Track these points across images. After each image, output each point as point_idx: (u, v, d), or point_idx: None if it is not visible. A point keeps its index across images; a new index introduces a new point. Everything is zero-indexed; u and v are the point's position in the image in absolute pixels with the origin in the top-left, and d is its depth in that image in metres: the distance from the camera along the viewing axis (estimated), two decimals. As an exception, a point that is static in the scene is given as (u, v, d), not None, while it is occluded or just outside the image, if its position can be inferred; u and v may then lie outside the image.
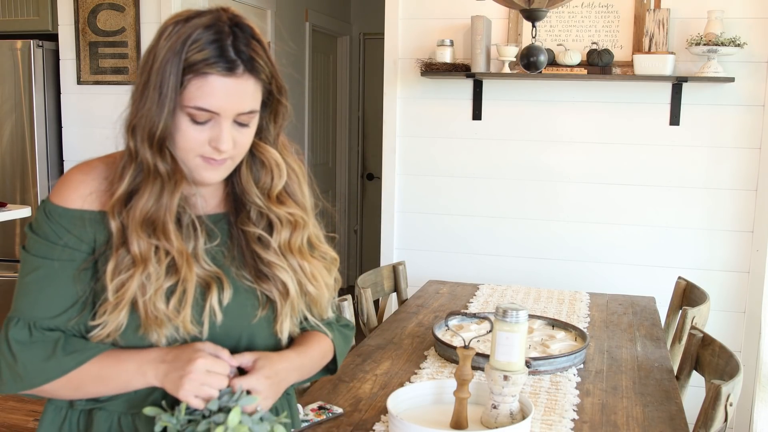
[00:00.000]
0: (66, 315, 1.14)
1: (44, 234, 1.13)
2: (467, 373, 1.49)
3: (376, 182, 5.93)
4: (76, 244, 1.13)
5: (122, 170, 1.14)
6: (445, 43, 3.26)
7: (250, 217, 1.22)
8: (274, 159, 1.22)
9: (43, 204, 1.15)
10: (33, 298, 1.13)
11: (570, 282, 3.33)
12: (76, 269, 1.13)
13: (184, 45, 1.08)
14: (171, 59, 1.08)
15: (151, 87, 1.09)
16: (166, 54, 1.08)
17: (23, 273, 1.15)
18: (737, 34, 3.00)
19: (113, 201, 1.13)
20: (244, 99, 1.12)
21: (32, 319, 1.13)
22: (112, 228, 1.12)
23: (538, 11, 2.06)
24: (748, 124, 3.13)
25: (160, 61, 1.08)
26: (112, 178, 1.15)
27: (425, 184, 3.51)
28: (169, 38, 1.09)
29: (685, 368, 2.07)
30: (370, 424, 1.62)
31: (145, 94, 1.10)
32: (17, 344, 1.12)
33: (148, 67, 1.10)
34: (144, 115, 1.10)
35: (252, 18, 4.74)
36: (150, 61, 1.10)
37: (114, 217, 1.13)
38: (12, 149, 3.84)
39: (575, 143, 3.31)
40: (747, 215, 3.17)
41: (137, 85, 1.13)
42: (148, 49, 1.12)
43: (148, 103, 1.10)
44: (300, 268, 1.23)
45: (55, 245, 1.13)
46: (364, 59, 5.98)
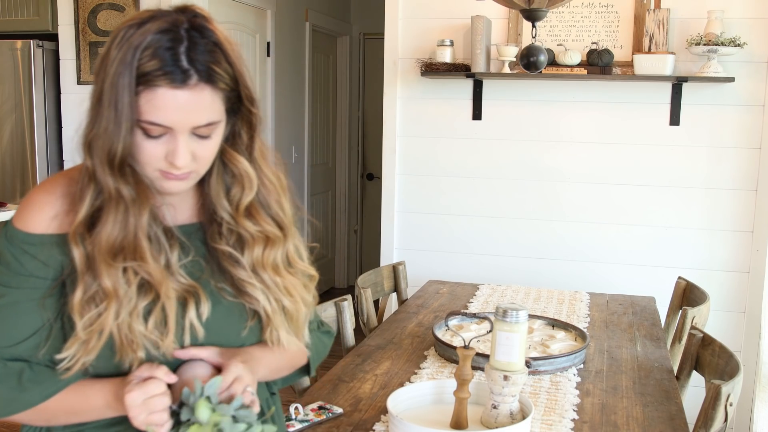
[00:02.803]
0: (30, 344, 1.06)
1: (6, 261, 1.06)
2: (467, 373, 1.49)
3: (376, 182, 5.93)
4: (41, 271, 1.06)
5: (82, 191, 1.05)
6: (445, 43, 3.26)
7: (221, 233, 1.15)
8: (244, 169, 1.14)
9: (6, 229, 1.07)
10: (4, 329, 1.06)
11: (570, 282, 3.33)
12: (41, 297, 1.06)
13: (135, 54, 0.99)
14: (122, 72, 0.99)
15: (105, 103, 1.00)
16: (118, 67, 0.99)
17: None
18: (737, 34, 3.00)
19: (75, 226, 1.04)
20: (200, 111, 1.02)
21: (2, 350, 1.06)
22: (75, 256, 1.04)
23: (538, 11, 2.06)
24: (748, 124, 3.13)
25: (111, 75, 0.99)
26: (74, 195, 1.07)
27: (425, 184, 3.51)
28: (119, 47, 0.99)
29: (685, 368, 2.07)
30: (370, 424, 1.62)
31: (99, 111, 1.01)
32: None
33: (101, 80, 1.02)
34: (100, 135, 1.02)
35: (252, 18, 4.76)
36: (102, 74, 1.01)
37: (77, 244, 1.04)
38: (12, 149, 3.84)
39: (575, 143, 3.31)
40: (747, 215, 3.17)
41: (92, 99, 1.03)
42: (101, 59, 1.02)
43: (104, 121, 1.01)
44: (274, 284, 1.16)
45: (19, 274, 1.05)
46: (364, 59, 5.98)
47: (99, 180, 1.03)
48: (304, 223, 1.29)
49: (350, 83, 5.94)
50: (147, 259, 1.05)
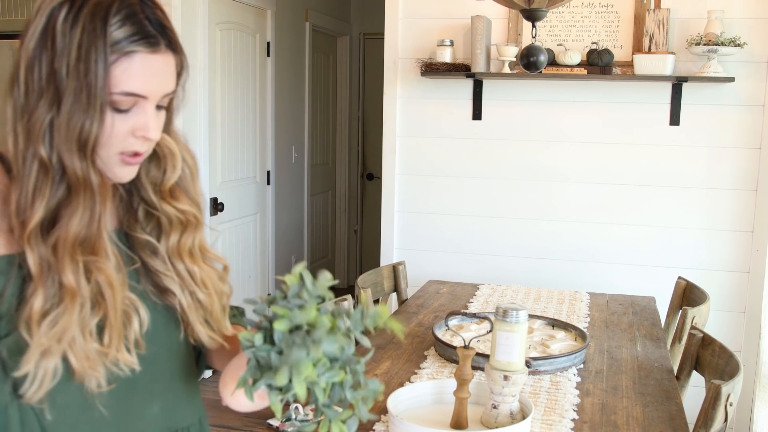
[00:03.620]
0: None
1: None
2: (467, 373, 1.49)
3: (376, 182, 5.93)
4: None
5: (33, 193, 0.91)
6: (445, 43, 3.26)
7: (138, 219, 1.06)
8: (168, 147, 1.05)
9: None
10: None
11: (570, 282, 3.33)
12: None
13: (105, 23, 0.90)
14: (94, 43, 0.90)
15: (68, 82, 0.90)
16: (86, 38, 0.90)
17: None
18: (737, 34, 3.00)
19: (29, 232, 0.91)
20: (168, 77, 0.97)
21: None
22: (31, 262, 0.91)
23: (538, 11, 2.06)
24: (748, 124, 3.13)
25: (76, 48, 0.90)
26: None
27: (425, 184, 3.51)
28: (75, 20, 0.90)
29: (685, 368, 2.07)
30: (370, 424, 1.62)
31: (58, 91, 0.91)
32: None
33: (53, 57, 0.90)
34: (66, 118, 0.91)
35: (252, 18, 4.76)
36: (53, 51, 0.91)
37: (32, 249, 0.91)
38: (12, 149, 3.83)
39: (575, 143, 3.32)
40: (747, 215, 3.17)
41: (37, 82, 0.91)
42: (39, 42, 0.91)
43: (69, 102, 0.90)
44: (189, 274, 1.07)
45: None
46: (364, 59, 5.98)
47: (66, 169, 0.92)
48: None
49: (350, 83, 5.94)
50: (110, 257, 0.96)
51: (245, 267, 4.44)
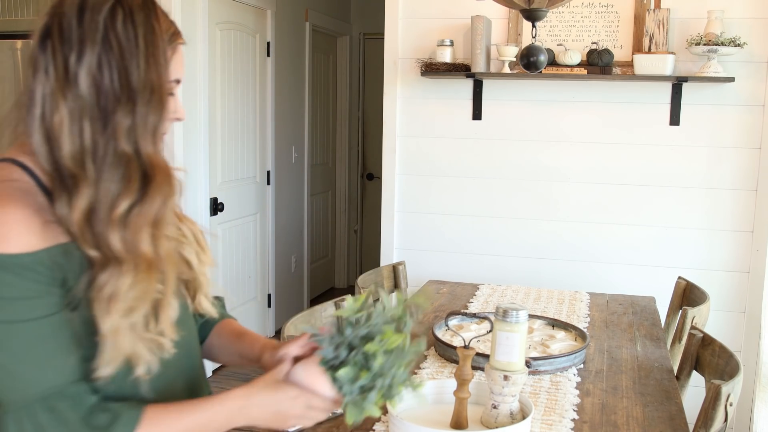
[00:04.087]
0: (79, 371, 0.98)
1: (19, 293, 0.93)
2: (467, 373, 1.49)
3: (376, 182, 5.93)
4: (48, 289, 0.96)
5: (120, 183, 0.98)
6: (445, 43, 3.26)
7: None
8: None
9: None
10: (51, 365, 0.96)
11: (570, 282, 3.33)
12: (61, 315, 0.97)
13: (158, 22, 1.02)
14: (155, 41, 1.00)
15: (142, 79, 0.98)
16: (149, 38, 0.99)
17: (16, 346, 0.94)
18: (737, 34, 3.00)
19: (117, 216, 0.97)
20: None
21: (66, 387, 0.97)
22: (116, 245, 0.97)
23: (538, 11, 2.06)
24: (748, 124, 3.13)
25: (144, 47, 0.98)
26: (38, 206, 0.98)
27: (425, 184, 3.51)
28: (133, 23, 0.98)
29: (685, 368, 2.07)
30: (370, 424, 1.62)
31: (133, 91, 0.98)
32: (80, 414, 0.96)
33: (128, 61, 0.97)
34: (144, 114, 0.99)
35: (252, 18, 4.76)
36: (124, 55, 0.97)
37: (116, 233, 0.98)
38: (12, 149, 3.84)
39: (575, 143, 3.32)
40: (747, 215, 3.17)
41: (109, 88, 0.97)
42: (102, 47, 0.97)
43: (145, 100, 0.99)
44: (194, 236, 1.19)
45: (40, 299, 0.95)
46: (364, 59, 5.98)
47: (145, 159, 0.99)
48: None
49: (350, 83, 5.94)
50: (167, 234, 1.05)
51: (245, 267, 4.44)
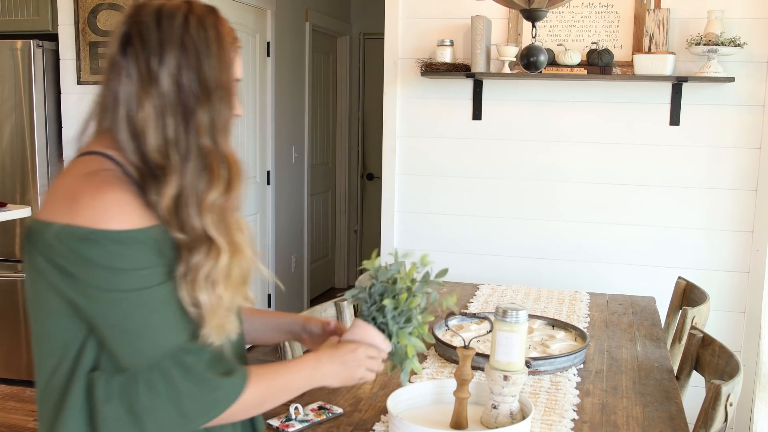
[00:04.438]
0: (190, 331, 1.10)
1: (135, 264, 1.04)
2: (467, 373, 1.49)
3: (376, 182, 5.93)
4: (158, 260, 1.07)
5: (208, 174, 1.10)
6: (445, 43, 3.26)
7: None
8: None
9: (104, 236, 1.02)
10: (171, 326, 1.07)
11: (570, 282, 3.33)
12: (170, 284, 1.08)
13: (224, 26, 1.14)
14: (224, 44, 1.12)
15: (216, 79, 1.11)
16: (220, 41, 1.12)
17: (138, 313, 1.04)
18: (737, 34, 3.00)
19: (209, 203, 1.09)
20: None
21: (187, 344, 1.08)
22: (210, 228, 1.09)
23: (538, 11, 2.06)
24: (748, 124, 3.13)
25: (216, 51, 1.11)
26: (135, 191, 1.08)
27: (425, 184, 3.51)
28: (204, 29, 1.11)
29: (685, 368, 2.07)
30: (370, 424, 1.62)
31: (209, 90, 1.10)
32: (206, 367, 1.08)
33: (204, 62, 1.09)
34: (218, 111, 1.11)
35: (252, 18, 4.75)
36: (200, 58, 1.09)
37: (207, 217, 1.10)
38: (12, 149, 3.84)
39: (575, 143, 3.32)
40: (747, 215, 3.17)
41: (188, 88, 1.09)
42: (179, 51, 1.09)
43: (218, 98, 1.11)
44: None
45: (153, 268, 1.06)
46: (364, 59, 5.98)
47: (224, 153, 1.12)
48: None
49: (350, 83, 5.94)
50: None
51: (245, 267, 4.43)
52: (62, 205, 1.03)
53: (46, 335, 1.09)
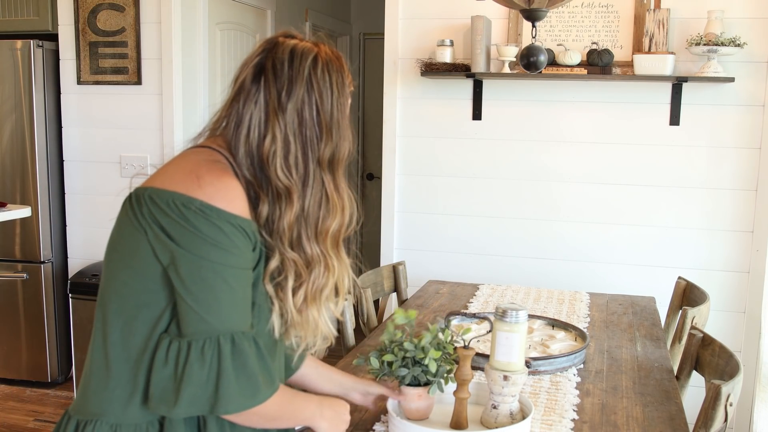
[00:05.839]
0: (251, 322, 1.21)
1: (233, 245, 1.14)
2: (467, 373, 1.49)
3: (376, 182, 5.93)
4: (250, 250, 1.18)
5: (327, 205, 1.25)
6: (445, 43, 3.26)
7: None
8: None
9: (217, 213, 1.14)
10: (240, 309, 1.17)
11: (570, 282, 3.33)
12: (252, 275, 1.20)
13: (345, 73, 1.27)
14: (344, 89, 1.25)
15: (335, 117, 1.24)
16: (340, 86, 1.25)
17: (220, 285, 1.14)
18: (737, 34, 3.00)
19: (326, 231, 1.26)
20: None
21: (250, 331, 1.18)
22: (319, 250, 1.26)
23: (538, 11, 2.06)
24: (748, 124, 3.13)
25: (337, 94, 1.24)
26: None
27: (425, 184, 3.51)
28: (329, 73, 1.23)
29: (685, 368, 2.07)
30: (370, 424, 1.62)
31: (329, 127, 1.23)
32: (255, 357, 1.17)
33: (325, 102, 1.22)
34: (336, 147, 1.24)
35: (252, 18, 4.75)
36: (322, 97, 1.22)
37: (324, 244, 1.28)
38: (12, 149, 3.84)
39: (575, 143, 3.31)
40: (747, 215, 3.17)
41: (308, 121, 1.21)
42: (306, 90, 1.21)
43: (336, 134, 1.24)
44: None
45: (245, 254, 1.16)
46: (364, 59, 5.98)
47: (340, 187, 1.27)
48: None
49: (350, 83, 5.93)
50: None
51: (245, 267, 4.43)
52: (186, 179, 1.15)
53: (129, 293, 1.17)
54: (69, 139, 3.88)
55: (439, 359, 1.48)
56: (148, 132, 3.72)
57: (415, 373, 1.48)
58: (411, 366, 1.48)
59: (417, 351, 1.48)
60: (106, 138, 3.78)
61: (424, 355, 1.47)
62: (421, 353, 1.47)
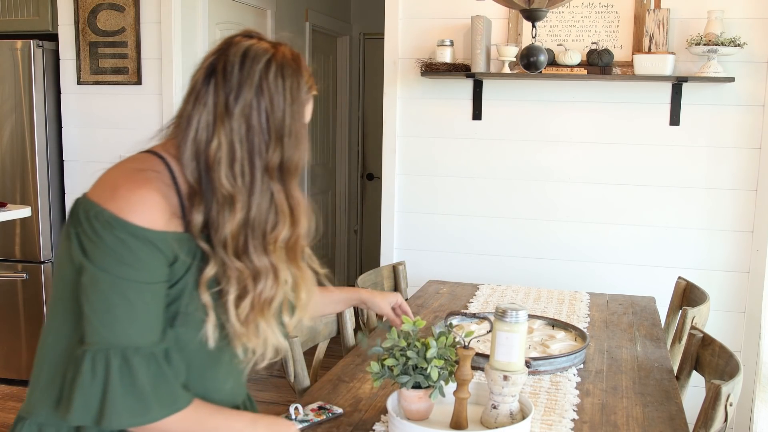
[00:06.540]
0: (164, 336, 1.16)
1: (128, 257, 1.11)
2: (467, 373, 1.49)
3: (376, 182, 5.93)
4: (161, 264, 1.14)
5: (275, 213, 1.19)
6: (445, 43, 3.26)
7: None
8: None
9: (122, 225, 1.11)
10: (138, 325, 1.12)
11: (570, 282, 3.33)
12: (166, 288, 1.16)
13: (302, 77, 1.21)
14: (299, 94, 1.20)
15: (287, 124, 1.18)
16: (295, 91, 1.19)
17: (116, 299, 1.11)
18: (737, 34, 2.99)
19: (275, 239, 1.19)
20: None
21: (148, 348, 1.13)
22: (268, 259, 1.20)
23: (538, 11, 2.06)
24: (748, 124, 3.13)
25: (290, 98, 1.18)
26: (173, 201, 1.17)
27: (425, 184, 3.51)
28: (283, 77, 1.17)
29: (685, 368, 2.07)
30: (370, 424, 1.62)
31: (280, 134, 1.17)
32: (148, 374, 1.12)
33: (276, 107, 1.16)
34: (289, 155, 1.19)
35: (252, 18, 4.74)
36: (273, 102, 1.16)
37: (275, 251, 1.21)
38: (12, 149, 3.84)
39: (575, 143, 3.31)
40: (747, 215, 3.17)
41: (258, 127, 1.16)
42: (256, 94, 1.15)
43: (288, 142, 1.19)
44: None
45: (143, 268, 1.12)
46: (364, 59, 5.98)
47: (293, 195, 1.21)
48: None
49: (350, 83, 5.94)
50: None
51: (245, 267, 4.43)
52: (105, 189, 1.14)
53: (58, 298, 1.18)
54: (69, 139, 3.88)
55: (441, 366, 1.49)
56: (148, 132, 3.70)
57: (416, 379, 1.48)
58: (412, 372, 1.49)
59: (420, 359, 1.48)
60: (106, 138, 3.78)
61: (427, 364, 1.47)
62: (425, 362, 1.47)
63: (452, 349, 1.51)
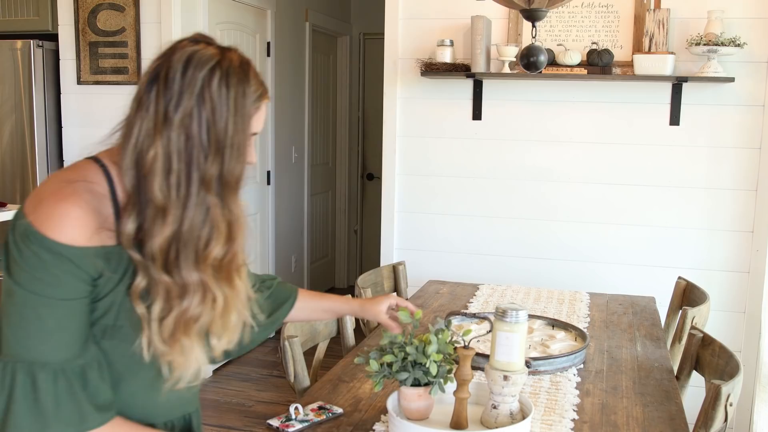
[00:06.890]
0: (82, 353, 1.11)
1: (43, 272, 1.07)
2: (467, 373, 1.49)
3: (376, 182, 5.93)
4: (81, 279, 1.09)
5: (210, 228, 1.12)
6: (445, 43, 3.26)
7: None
8: None
9: (36, 239, 1.07)
10: (50, 341, 1.08)
11: (570, 282, 3.33)
12: (87, 304, 1.11)
13: (248, 85, 1.13)
14: (244, 102, 1.12)
15: (229, 134, 1.11)
16: (239, 100, 1.12)
17: (28, 314, 1.07)
18: (737, 34, 3.00)
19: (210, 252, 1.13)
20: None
21: (58, 365, 1.09)
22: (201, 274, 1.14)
23: (538, 11, 2.06)
24: (748, 124, 3.13)
25: (233, 107, 1.11)
26: (97, 210, 1.12)
27: (425, 184, 3.51)
28: (228, 85, 1.11)
29: (685, 368, 2.07)
30: (370, 424, 1.62)
31: (220, 144, 1.10)
32: (53, 391, 1.08)
33: (218, 116, 1.10)
34: (229, 168, 1.12)
35: (252, 18, 4.76)
36: (215, 111, 1.10)
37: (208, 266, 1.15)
38: (12, 149, 3.84)
39: (575, 143, 3.31)
40: (747, 215, 3.17)
41: (197, 138, 1.09)
42: (197, 101, 1.09)
43: (229, 153, 1.11)
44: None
45: (59, 285, 1.08)
46: (364, 59, 5.98)
47: (231, 207, 1.13)
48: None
49: (350, 83, 5.94)
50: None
51: (245, 267, 4.43)
52: (33, 200, 1.11)
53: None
54: (69, 139, 3.88)
55: (440, 361, 1.49)
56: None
57: (415, 375, 1.48)
58: (411, 369, 1.48)
59: (419, 355, 1.48)
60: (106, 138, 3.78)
61: (427, 359, 1.47)
62: (424, 358, 1.47)
63: (450, 345, 1.51)
